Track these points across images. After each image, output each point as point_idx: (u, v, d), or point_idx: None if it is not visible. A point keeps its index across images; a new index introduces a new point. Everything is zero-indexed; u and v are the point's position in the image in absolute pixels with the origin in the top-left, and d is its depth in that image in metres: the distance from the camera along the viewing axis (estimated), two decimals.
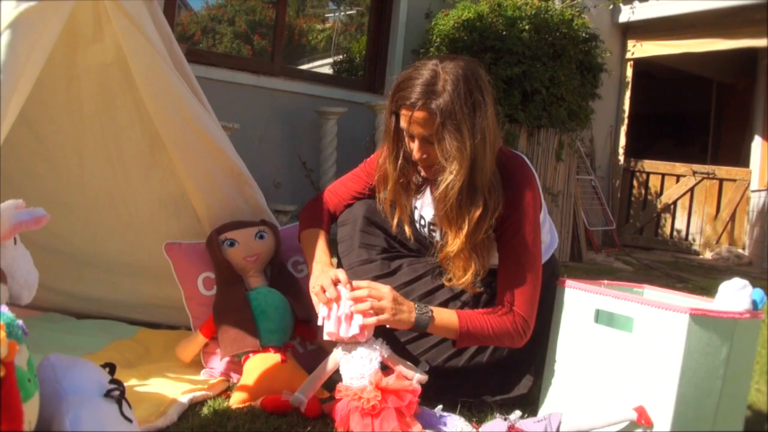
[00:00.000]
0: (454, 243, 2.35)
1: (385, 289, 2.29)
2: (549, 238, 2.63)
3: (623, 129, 9.90)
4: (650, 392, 2.16)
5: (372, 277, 2.49)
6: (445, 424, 2.27)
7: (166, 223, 3.00)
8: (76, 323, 3.17)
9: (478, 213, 2.30)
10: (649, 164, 9.86)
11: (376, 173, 2.55)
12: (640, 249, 9.44)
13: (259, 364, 2.50)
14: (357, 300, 2.27)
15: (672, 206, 9.72)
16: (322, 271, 2.42)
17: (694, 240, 9.60)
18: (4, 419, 1.25)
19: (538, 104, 6.48)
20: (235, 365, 2.64)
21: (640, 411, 2.15)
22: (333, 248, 2.62)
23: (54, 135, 3.01)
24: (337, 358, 2.34)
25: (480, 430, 2.27)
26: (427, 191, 2.53)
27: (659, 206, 9.75)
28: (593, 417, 2.22)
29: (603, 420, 2.21)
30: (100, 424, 1.56)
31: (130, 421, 1.65)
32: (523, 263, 2.38)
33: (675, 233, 9.74)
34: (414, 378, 2.29)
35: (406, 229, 2.53)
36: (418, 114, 2.26)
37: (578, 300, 2.38)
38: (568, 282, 2.43)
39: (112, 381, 1.69)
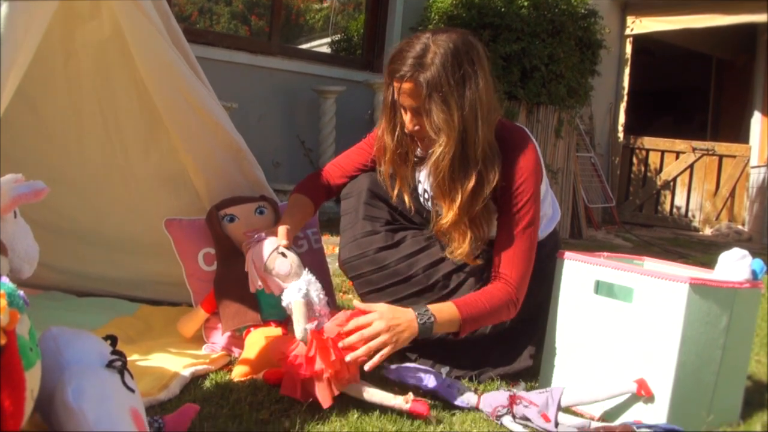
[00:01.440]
0: (448, 215, 2.36)
1: (378, 324, 2.17)
2: (551, 211, 2.64)
3: (623, 106, 9.89)
4: (650, 362, 2.17)
5: (376, 248, 2.51)
6: (451, 387, 2.30)
7: (166, 199, 3.00)
8: (76, 301, 3.17)
9: (470, 185, 2.31)
10: (648, 141, 9.86)
11: (376, 145, 2.57)
12: (639, 226, 9.46)
13: (260, 338, 2.51)
14: (351, 348, 2.16)
15: (672, 183, 9.73)
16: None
17: (693, 216, 9.61)
18: (6, 386, 1.26)
19: (537, 81, 6.47)
20: (237, 340, 2.65)
21: (640, 383, 2.16)
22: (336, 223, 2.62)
23: (52, 112, 3.00)
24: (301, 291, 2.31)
25: (482, 397, 2.28)
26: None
27: (659, 183, 9.76)
28: (594, 390, 2.23)
29: (604, 392, 2.22)
30: (103, 393, 1.56)
31: (132, 391, 1.65)
32: (519, 234, 2.38)
33: (675, 210, 9.76)
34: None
35: (406, 199, 2.53)
36: (407, 85, 2.29)
37: (578, 271, 2.38)
38: (568, 254, 2.43)
39: (114, 352, 1.69)
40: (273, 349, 2.32)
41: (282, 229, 2.42)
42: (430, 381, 2.32)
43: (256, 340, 2.50)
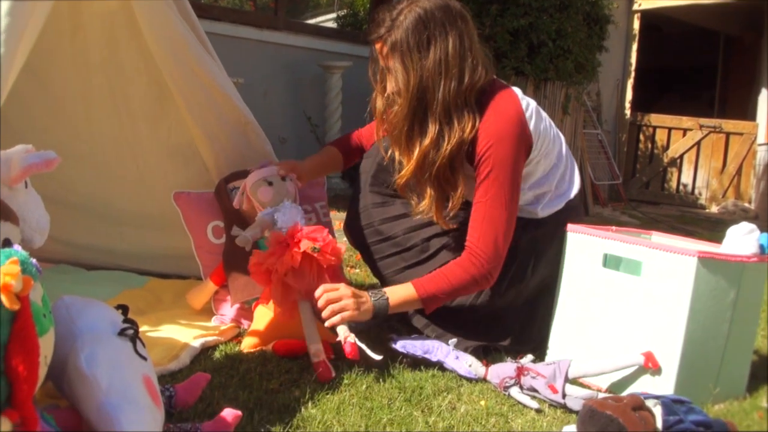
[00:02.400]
0: (406, 171, 2.39)
1: (344, 290, 2.29)
2: (553, 188, 2.57)
3: (630, 82, 9.84)
4: (658, 335, 2.18)
5: (372, 204, 2.62)
6: (459, 359, 2.32)
7: (174, 172, 3.00)
8: (86, 274, 3.19)
9: (427, 141, 2.32)
10: (655, 118, 9.82)
11: (369, 106, 2.59)
12: (646, 203, 9.44)
13: (269, 310, 2.52)
14: (319, 306, 2.28)
15: (678, 160, 9.70)
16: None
17: (700, 194, 9.59)
18: (20, 352, 1.26)
19: (545, 57, 6.43)
20: (246, 312, 2.67)
21: (648, 355, 2.17)
22: None
23: (60, 86, 3.00)
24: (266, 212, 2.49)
25: (489, 369, 2.29)
26: None
27: (666, 160, 9.73)
28: (601, 362, 2.24)
29: (611, 365, 2.23)
30: (115, 360, 1.57)
31: (144, 359, 1.66)
32: (487, 202, 2.35)
33: (681, 187, 9.73)
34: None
35: (397, 159, 2.51)
36: (377, 46, 2.40)
37: (586, 244, 2.38)
38: (576, 227, 2.43)
39: (126, 321, 1.70)
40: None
41: (290, 162, 2.61)
42: (437, 353, 2.33)
43: (266, 312, 2.51)
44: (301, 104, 6.83)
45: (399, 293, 2.36)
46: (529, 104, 2.43)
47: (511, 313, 2.58)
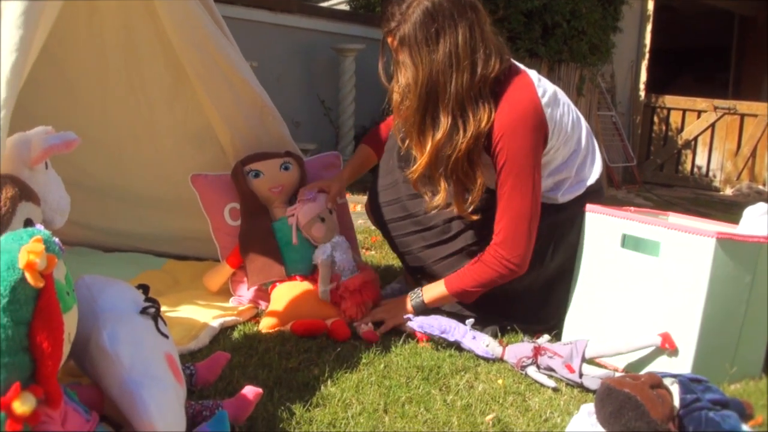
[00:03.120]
0: (419, 165, 2.38)
1: (380, 309, 2.56)
2: (587, 172, 2.58)
3: (644, 64, 9.78)
4: (675, 316, 2.18)
5: (391, 181, 2.67)
6: (476, 338, 2.34)
7: (191, 155, 3.01)
8: (103, 257, 3.21)
9: (439, 135, 2.31)
10: (670, 100, 9.76)
11: (387, 97, 2.56)
12: (660, 186, 9.40)
13: (286, 291, 2.54)
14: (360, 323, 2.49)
15: (693, 142, 9.64)
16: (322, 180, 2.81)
17: (714, 176, 9.54)
18: (45, 328, 1.28)
19: (559, 38, 6.40)
20: (263, 293, 2.69)
21: (665, 336, 2.17)
22: None
23: (77, 69, 3.00)
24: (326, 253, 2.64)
25: (507, 348, 2.30)
26: None
27: (680, 142, 9.68)
28: (618, 342, 2.24)
29: (627, 345, 2.23)
30: (137, 338, 1.59)
31: (166, 337, 1.68)
32: (506, 195, 2.36)
33: (695, 170, 9.68)
34: None
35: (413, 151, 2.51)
36: (388, 40, 2.39)
37: (605, 225, 2.38)
38: (595, 207, 2.43)
39: (147, 300, 1.72)
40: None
41: (334, 192, 2.74)
42: (454, 332, 2.34)
43: (283, 294, 2.54)
44: (314, 88, 6.83)
45: (434, 291, 2.51)
46: (546, 90, 2.40)
47: (528, 294, 2.58)
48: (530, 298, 2.59)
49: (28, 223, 1.64)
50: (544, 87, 2.41)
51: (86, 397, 1.54)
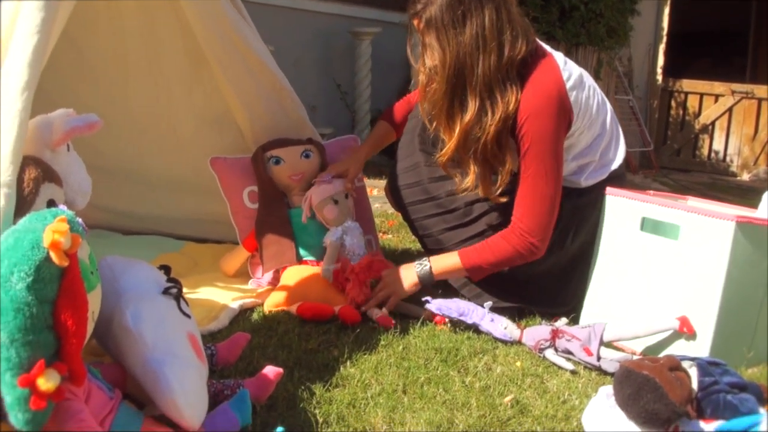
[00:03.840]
0: (448, 148, 2.39)
1: (381, 284, 2.50)
2: (611, 156, 2.57)
3: (661, 47, 9.72)
4: (694, 300, 2.17)
5: (424, 162, 2.64)
6: (494, 321, 2.34)
7: (210, 139, 3.01)
8: (122, 239, 3.22)
9: (468, 118, 2.32)
10: (687, 84, 9.70)
11: (413, 79, 2.59)
12: (677, 171, 9.37)
13: (295, 273, 2.56)
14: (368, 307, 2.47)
15: (710, 127, 9.59)
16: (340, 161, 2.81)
17: (731, 161, 9.49)
18: (69, 306, 1.29)
19: (577, 21, 6.36)
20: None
21: (683, 320, 2.17)
22: None
23: (97, 53, 3.01)
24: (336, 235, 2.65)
25: (525, 331, 2.31)
26: None
27: (697, 127, 9.63)
28: (636, 326, 2.24)
29: (646, 329, 2.23)
30: (160, 317, 1.60)
31: (188, 317, 1.69)
32: (529, 178, 2.36)
33: (713, 154, 9.64)
34: None
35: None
36: (414, 22, 2.38)
37: (624, 208, 2.38)
38: (614, 190, 2.42)
39: (170, 280, 1.73)
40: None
41: (352, 174, 2.74)
42: (473, 315, 2.35)
43: (292, 275, 2.55)
44: (330, 72, 6.82)
45: (444, 262, 2.46)
46: (571, 74, 2.39)
47: (548, 277, 2.58)
48: (550, 281, 2.59)
49: (51, 203, 1.66)
50: (569, 70, 2.40)
51: (109, 376, 1.56)
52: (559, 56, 2.45)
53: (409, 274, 2.48)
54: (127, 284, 1.65)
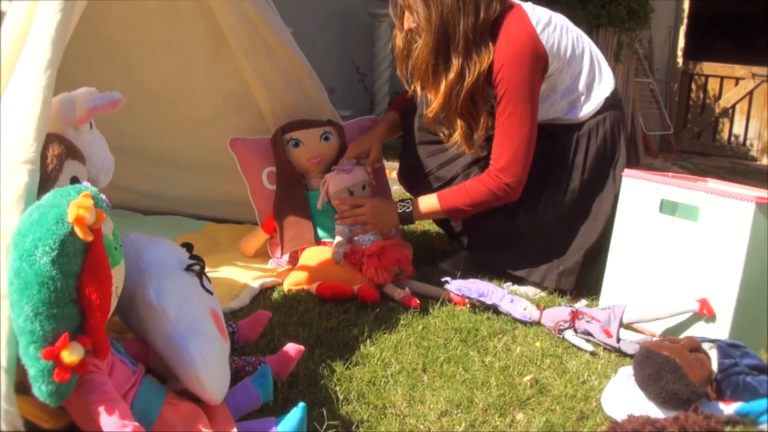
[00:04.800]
0: (435, 105, 2.49)
1: (365, 208, 2.61)
2: (599, 85, 2.63)
3: (682, 29, 9.64)
4: (713, 282, 2.16)
5: (425, 154, 2.78)
6: (513, 302, 2.35)
7: (230, 119, 3.02)
8: (143, 219, 3.24)
9: (452, 76, 2.42)
10: (707, 67, 9.61)
11: (391, 44, 2.69)
12: (697, 154, 9.30)
13: (315, 254, 2.56)
14: (341, 217, 2.62)
15: (730, 110, 9.51)
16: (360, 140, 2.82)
17: (752, 145, 9.42)
18: (94, 281, 1.31)
19: (597, 2, 6.31)
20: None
21: (703, 302, 2.16)
22: None
23: (116, 33, 3.00)
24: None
25: (544, 312, 2.31)
26: None
27: (717, 110, 9.55)
28: (656, 308, 2.24)
29: (665, 311, 2.22)
30: (183, 293, 1.61)
31: (211, 293, 1.70)
32: (504, 121, 2.46)
33: (732, 138, 9.56)
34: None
35: (418, 92, 2.60)
36: None
37: (643, 190, 2.37)
38: (633, 172, 2.42)
39: (192, 257, 1.74)
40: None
41: (373, 157, 2.77)
42: (492, 296, 2.36)
43: (312, 256, 2.56)
44: (349, 54, 6.80)
45: (424, 203, 2.61)
46: (540, 18, 2.48)
47: (558, 221, 2.63)
48: (559, 225, 2.64)
49: (74, 180, 1.67)
50: (538, 15, 2.50)
51: (132, 350, 1.58)
52: (527, 5, 2.54)
53: (391, 215, 2.63)
54: (150, 261, 1.66)
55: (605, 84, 2.63)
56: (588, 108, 2.59)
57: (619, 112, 2.64)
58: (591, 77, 2.60)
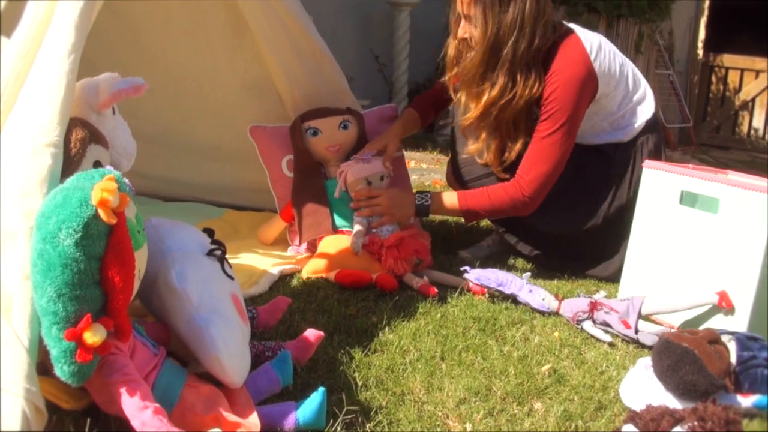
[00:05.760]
0: (471, 115, 2.55)
1: (381, 199, 2.60)
2: (643, 108, 2.69)
3: (703, 21, 9.56)
4: (733, 274, 2.16)
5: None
6: (532, 292, 2.35)
7: (251, 106, 3.02)
8: (163, 206, 3.25)
9: (494, 93, 2.48)
10: (728, 59, 9.53)
11: (443, 52, 2.71)
12: (716, 148, 9.23)
13: (333, 242, 2.58)
14: (356, 208, 2.63)
15: (750, 103, 9.43)
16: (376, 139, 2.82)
17: None
18: (117, 263, 1.31)
19: None
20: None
21: (722, 294, 2.16)
22: None
23: (139, 20, 3.01)
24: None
25: (563, 303, 2.31)
26: None
27: (737, 103, 9.48)
28: (674, 300, 2.24)
29: (684, 303, 2.22)
30: (205, 278, 1.62)
31: (232, 278, 1.71)
32: (541, 139, 2.53)
33: (752, 132, 9.48)
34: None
35: (462, 101, 2.65)
36: None
37: (663, 181, 2.36)
38: (654, 163, 2.41)
39: (214, 242, 1.75)
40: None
41: (391, 150, 2.76)
42: (511, 285, 2.36)
43: (331, 244, 2.58)
44: (368, 43, 6.79)
45: (443, 199, 2.63)
46: (592, 44, 2.53)
47: (602, 230, 2.70)
48: (603, 234, 2.70)
49: (97, 165, 1.67)
50: (590, 41, 2.55)
51: (153, 333, 1.59)
52: (577, 29, 2.59)
53: (408, 206, 2.63)
54: (172, 245, 1.67)
55: (647, 106, 2.70)
56: (631, 129, 2.67)
57: (660, 134, 2.74)
58: (636, 101, 2.68)
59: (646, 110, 2.69)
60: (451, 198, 2.61)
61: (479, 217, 2.66)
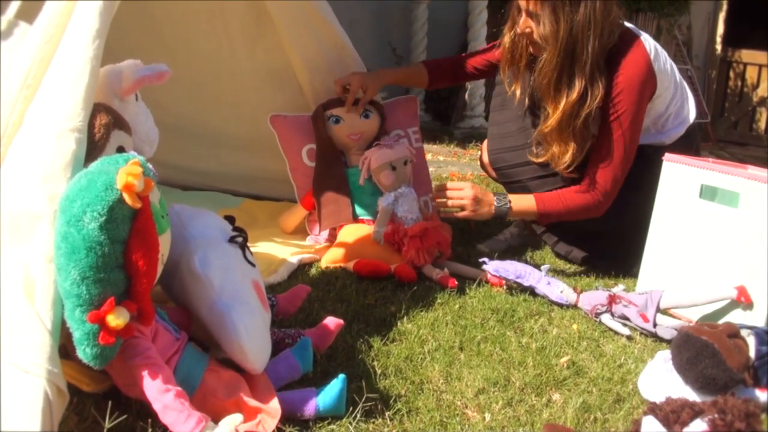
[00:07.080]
0: (552, 120, 2.48)
1: (467, 191, 2.55)
2: (685, 113, 2.72)
3: (722, 16, 9.51)
4: (752, 269, 2.15)
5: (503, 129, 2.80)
6: (551, 284, 2.36)
7: (271, 95, 3.02)
8: (182, 194, 3.26)
9: (574, 96, 2.43)
10: (746, 54, 9.48)
11: (498, 41, 2.71)
12: (733, 144, 9.20)
13: (353, 231, 2.58)
14: (439, 198, 2.62)
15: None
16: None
17: None
18: (141, 247, 1.32)
19: None
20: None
21: (741, 289, 2.15)
22: None
23: (159, 8, 3.01)
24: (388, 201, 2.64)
25: (581, 296, 2.31)
26: None
27: (755, 99, 9.43)
28: (693, 294, 2.23)
29: (703, 297, 2.21)
30: (227, 264, 1.63)
31: (253, 265, 1.72)
32: (615, 142, 2.49)
33: None
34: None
35: (517, 95, 2.67)
36: None
37: (683, 175, 2.35)
38: (674, 157, 2.40)
39: (235, 229, 1.76)
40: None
41: (367, 96, 2.77)
42: (529, 277, 2.36)
43: (350, 233, 2.58)
44: (386, 35, 6.78)
45: (521, 203, 2.60)
46: (651, 46, 2.52)
47: (627, 230, 2.67)
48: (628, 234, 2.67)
49: (121, 150, 1.68)
50: (650, 42, 2.54)
51: (175, 318, 1.60)
52: (636, 30, 2.58)
53: (489, 206, 2.56)
54: (195, 231, 1.68)
55: (691, 108, 2.73)
56: (674, 132, 2.69)
57: (699, 142, 2.76)
58: (681, 103, 2.69)
59: (689, 115, 2.72)
60: (527, 201, 2.59)
61: (552, 220, 2.63)
